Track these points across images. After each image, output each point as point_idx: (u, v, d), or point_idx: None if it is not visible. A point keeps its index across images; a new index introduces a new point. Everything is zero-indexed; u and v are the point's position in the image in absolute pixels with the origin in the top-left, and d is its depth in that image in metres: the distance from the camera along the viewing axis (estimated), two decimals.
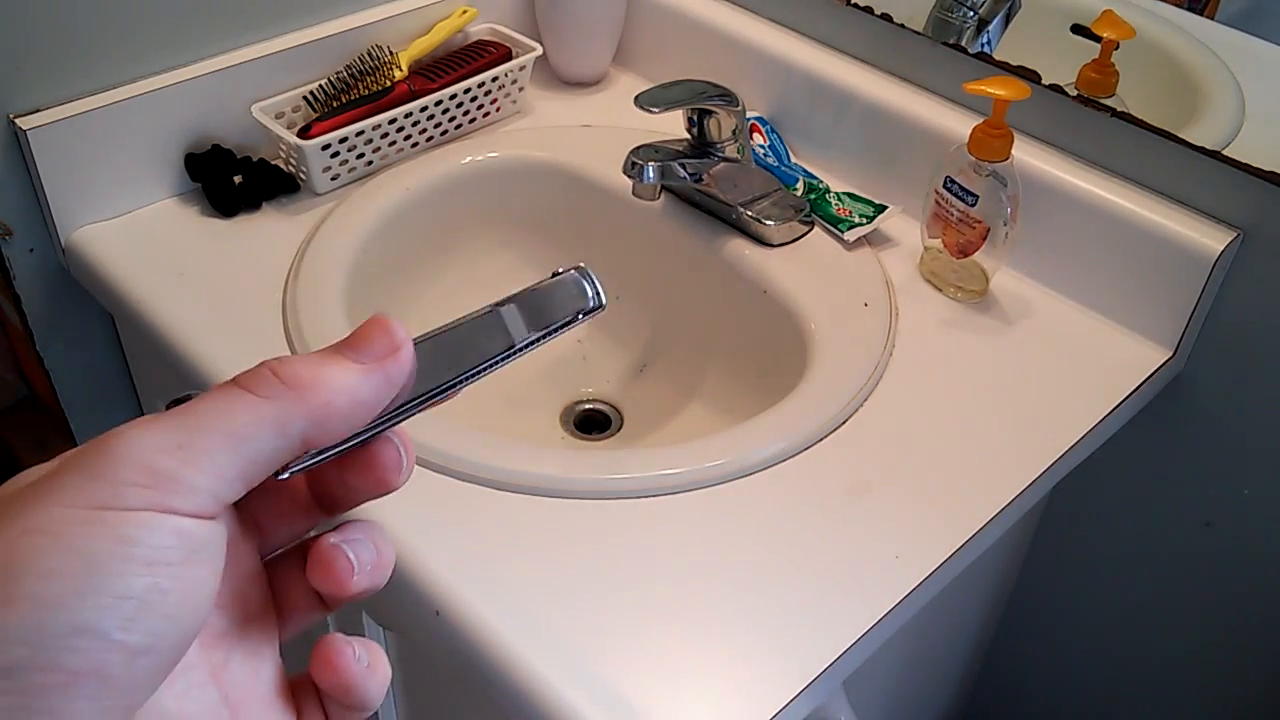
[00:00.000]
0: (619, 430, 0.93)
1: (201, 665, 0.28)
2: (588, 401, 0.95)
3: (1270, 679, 0.94)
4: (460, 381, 0.31)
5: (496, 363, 0.31)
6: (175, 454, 0.24)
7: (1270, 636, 0.92)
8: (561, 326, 0.32)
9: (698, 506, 0.70)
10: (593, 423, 0.94)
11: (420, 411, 0.30)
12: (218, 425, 0.25)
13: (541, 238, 1.01)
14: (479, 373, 0.31)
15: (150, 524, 0.24)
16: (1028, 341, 0.83)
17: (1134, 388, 0.80)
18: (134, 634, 0.23)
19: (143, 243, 0.89)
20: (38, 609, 0.22)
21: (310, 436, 0.27)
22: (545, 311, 0.32)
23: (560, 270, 0.32)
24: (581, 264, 0.32)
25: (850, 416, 0.76)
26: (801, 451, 0.73)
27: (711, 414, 0.91)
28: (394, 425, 0.30)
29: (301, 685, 0.31)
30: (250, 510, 0.31)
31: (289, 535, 0.32)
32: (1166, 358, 0.83)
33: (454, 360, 0.31)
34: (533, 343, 0.31)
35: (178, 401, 0.28)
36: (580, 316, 0.32)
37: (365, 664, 0.30)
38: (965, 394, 0.79)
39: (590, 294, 0.32)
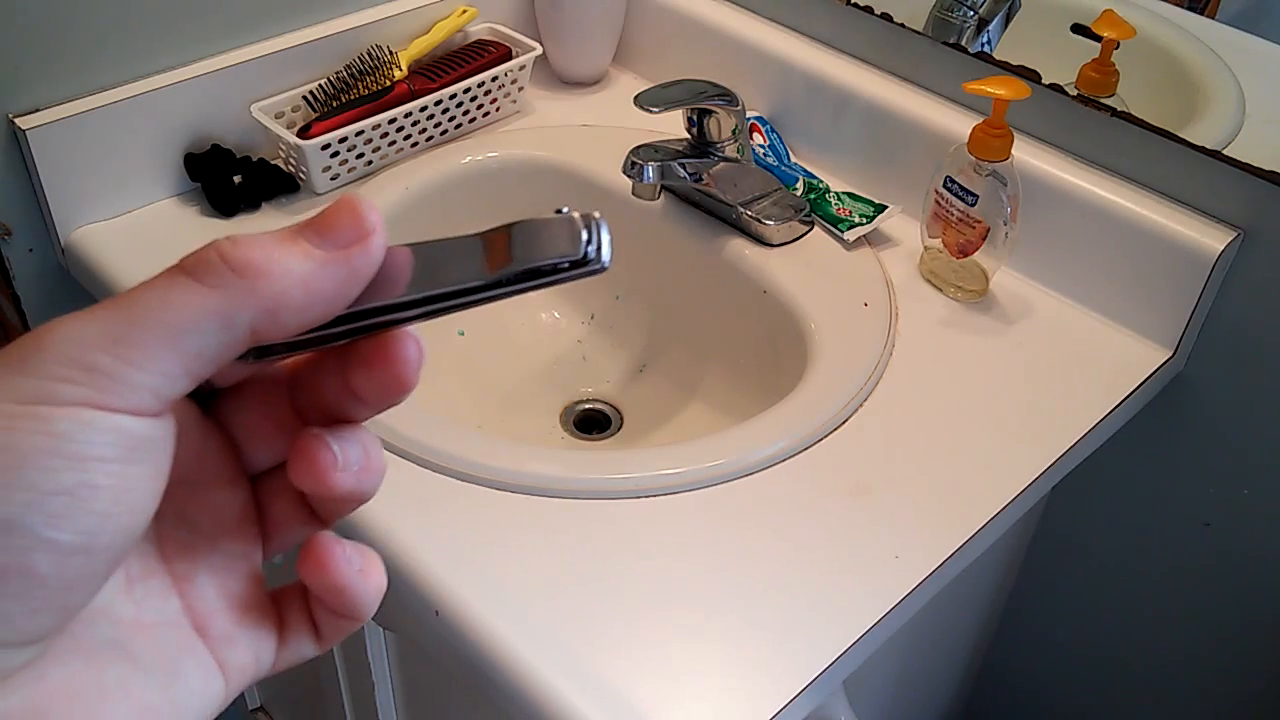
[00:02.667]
0: (619, 430, 0.93)
1: (161, 574, 0.27)
2: (588, 401, 0.95)
3: (1270, 679, 0.94)
4: (427, 305, 0.27)
5: (471, 295, 0.27)
6: (111, 349, 0.23)
7: (1270, 636, 0.92)
8: (545, 273, 0.27)
9: (698, 506, 0.70)
10: (593, 423, 0.94)
11: (386, 327, 0.27)
12: (156, 317, 0.23)
13: None
14: (451, 301, 0.27)
15: (83, 419, 0.22)
16: (1028, 341, 0.83)
17: (1134, 388, 0.80)
18: (63, 531, 0.22)
19: (142, 243, 0.89)
20: None
21: (260, 328, 0.24)
22: (529, 251, 0.27)
23: (564, 209, 0.28)
24: (596, 213, 0.27)
25: (850, 416, 0.76)
26: (801, 451, 0.73)
27: (711, 414, 0.91)
28: (362, 333, 0.27)
29: (287, 597, 0.30)
30: (228, 421, 0.29)
31: (273, 453, 0.29)
32: (1166, 358, 0.83)
33: (429, 278, 0.27)
34: (512, 282, 0.27)
35: None
36: (568, 268, 0.26)
37: (357, 567, 0.28)
38: (965, 394, 0.79)
39: (583, 243, 0.26)
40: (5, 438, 0.22)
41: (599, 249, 0.26)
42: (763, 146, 0.98)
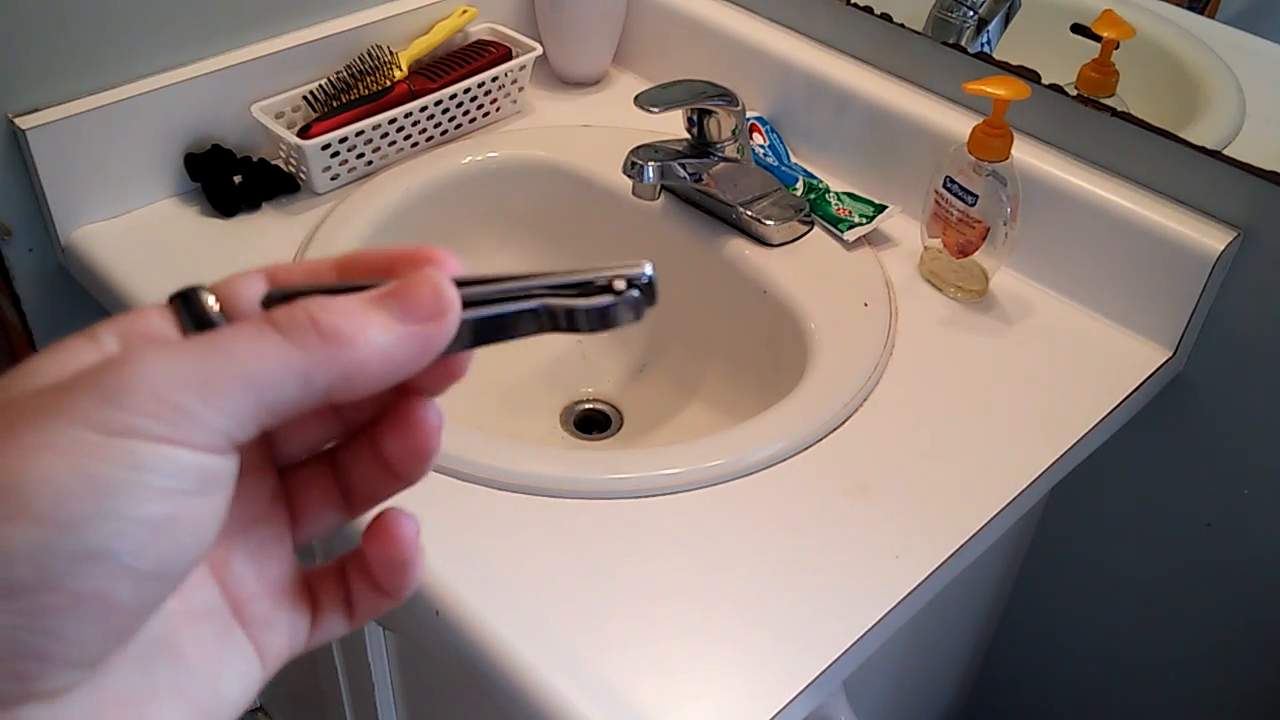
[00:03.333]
0: (619, 430, 0.93)
1: (200, 564, 0.28)
2: (588, 401, 0.95)
3: (1270, 679, 0.94)
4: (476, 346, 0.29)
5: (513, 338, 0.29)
6: (196, 391, 0.24)
7: (1270, 637, 0.92)
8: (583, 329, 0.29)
9: (698, 506, 0.70)
10: (593, 423, 0.94)
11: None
12: (242, 367, 0.24)
13: (541, 238, 1.01)
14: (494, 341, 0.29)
15: (166, 455, 0.23)
16: (1028, 341, 0.83)
17: (1134, 388, 0.80)
18: (144, 560, 0.23)
19: (142, 243, 0.89)
20: (46, 529, 0.22)
21: (336, 391, 0.26)
22: (580, 321, 0.29)
23: (622, 289, 0.29)
24: (646, 269, 0.29)
25: (850, 416, 0.76)
26: (801, 451, 0.73)
27: (711, 414, 0.91)
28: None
29: (322, 578, 0.31)
30: None
31: (301, 446, 0.31)
32: (1166, 358, 0.83)
33: (484, 336, 0.29)
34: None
35: (182, 297, 0.27)
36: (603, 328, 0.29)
37: (419, 544, 0.30)
38: (965, 394, 0.79)
39: (627, 317, 0.29)
40: (95, 467, 0.22)
41: (652, 298, 0.29)
42: (763, 146, 0.98)
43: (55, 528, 0.22)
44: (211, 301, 0.27)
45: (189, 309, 0.27)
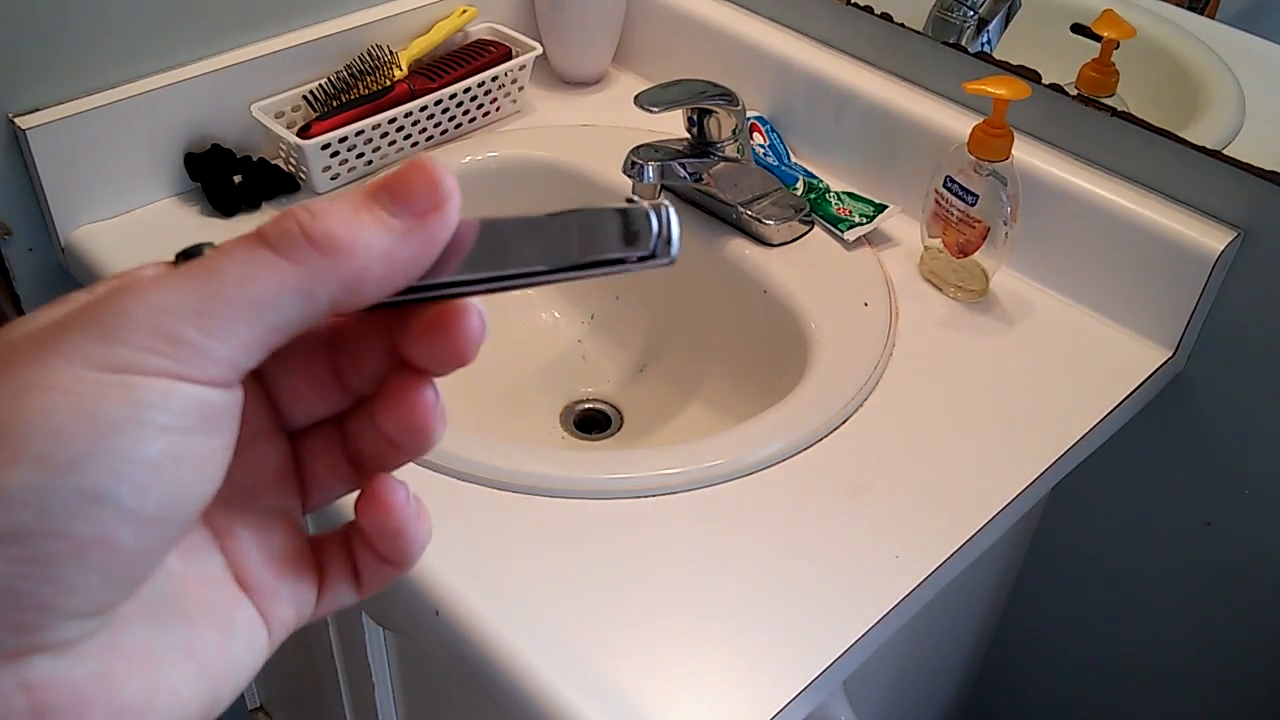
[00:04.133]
0: (619, 430, 0.93)
1: (203, 529, 0.27)
2: (588, 401, 0.95)
3: (1271, 679, 0.94)
4: (488, 283, 0.26)
5: (534, 278, 0.26)
6: (194, 320, 0.23)
7: (1270, 636, 0.92)
8: (610, 264, 0.26)
9: (698, 506, 0.70)
10: (593, 423, 0.94)
11: (441, 299, 0.27)
12: (239, 291, 0.23)
13: None
14: (512, 281, 0.26)
15: (167, 390, 0.22)
16: (1028, 341, 0.83)
17: (1134, 388, 0.80)
18: (146, 502, 0.22)
19: (142, 242, 0.89)
20: (45, 471, 0.21)
21: (340, 302, 0.24)
22: (595, 240, 0.26)
23: (636, 199, 0.27)
24: (666, 203, 0.27)
25: (850, 416, 0.76)
26: (801, 451, 0.73)
27: (711, 414, 0.91)
28: (416, 302, 0.26)
29: (326, 545, 0.30)
30: (265, 377, 0.28)
31: (309, 412, 0.29)
32: (1166, 358, 0.83)
33: (492, 255, 0.26)
34: (572, 270, 0.26)
35: (186, 254, 0.26)
36: (635, 260, 0.26)
37: (413, 510, 0.28)
38: (965, 394, 0.79)
39: (653, 236, 0.26)
40: (93, 405, 0.21)
41: (668, 243, 0.26)
42: (763, 146, 0.98)
43: (54, 469, 0.21)
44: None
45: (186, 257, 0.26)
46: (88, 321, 0.22)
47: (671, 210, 0.26)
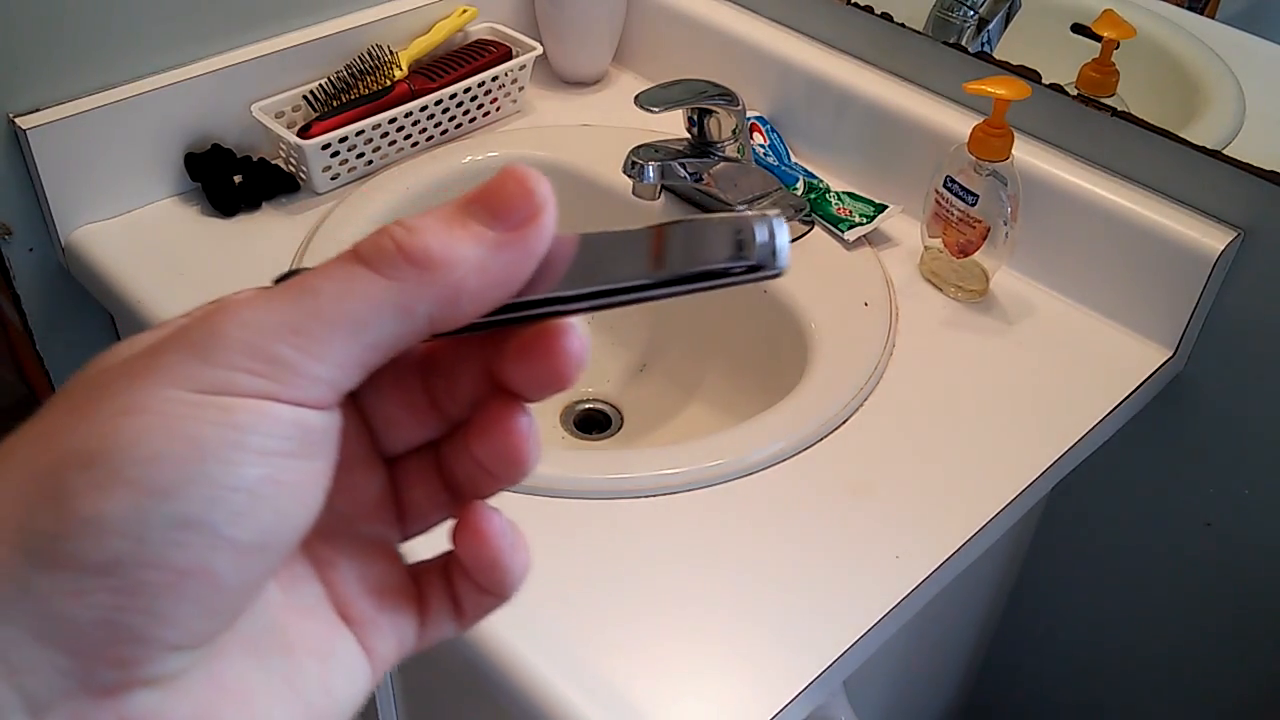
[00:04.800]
0: (619, 430, 0.93)
1: (303, 559, 0.26)
2: (588, 401, 0.95)
3: (1270, 678, 0.94)
4: (590, 300, 0.25)
5: (637, 293, 0.25)
6: (291, 339, 0.22)
7: (1270, 636, 0.92)
8: (716, 275, 0.24)
9: (698, 506, 0.70)
10: (593, 423, 0.94)
11: (541, 318, 0.25)
12: (336, 309, 0.22)
13: None
14: (615, 297, 0.25)
15: (265, 412, 0.21)
16: (1028, 341, 0.83)
17: (1134, 387, 0.80)
18: (244, 530, 0.21)
19: (143, 242, 0.89)
20: (140, 497, 0.20)
21: (438, 319, 0.23)
22: (701, 251, 0.25)
23: (740, 207, 0.26)
24: (774, 211, 0.25)
25: (850, 416, 0.76)
26: (802, 451, 0.73)
27: (711, 414, 0.91)
28: (515, 323, 0.25)
29: (427, 576, 0.29)
30: (360, 402, 0.27)
31: (404, 438, 0.28)
32: (1167, 357, 0.83)
33: (593, 270, 0.25)
34: (677, 283, 0.25)
35: (283, 278, 0.25)
36: (742, 271, 0.24)
37: (510, 540, 0.27)
38: (965, 394, 0.79)
39: (758, 246, 0.24)
40: (189, 428, 0.21)
41: (775, 252, 0.24)
42: (763, 146, 0.98)
43: (150, 495, 0.20)
44: None
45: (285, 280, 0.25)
46: (183, 343, 0.22)
47: (781, 220, 0.25)
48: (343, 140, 0.93)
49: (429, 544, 0.29)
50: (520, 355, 0.26)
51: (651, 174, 0.87)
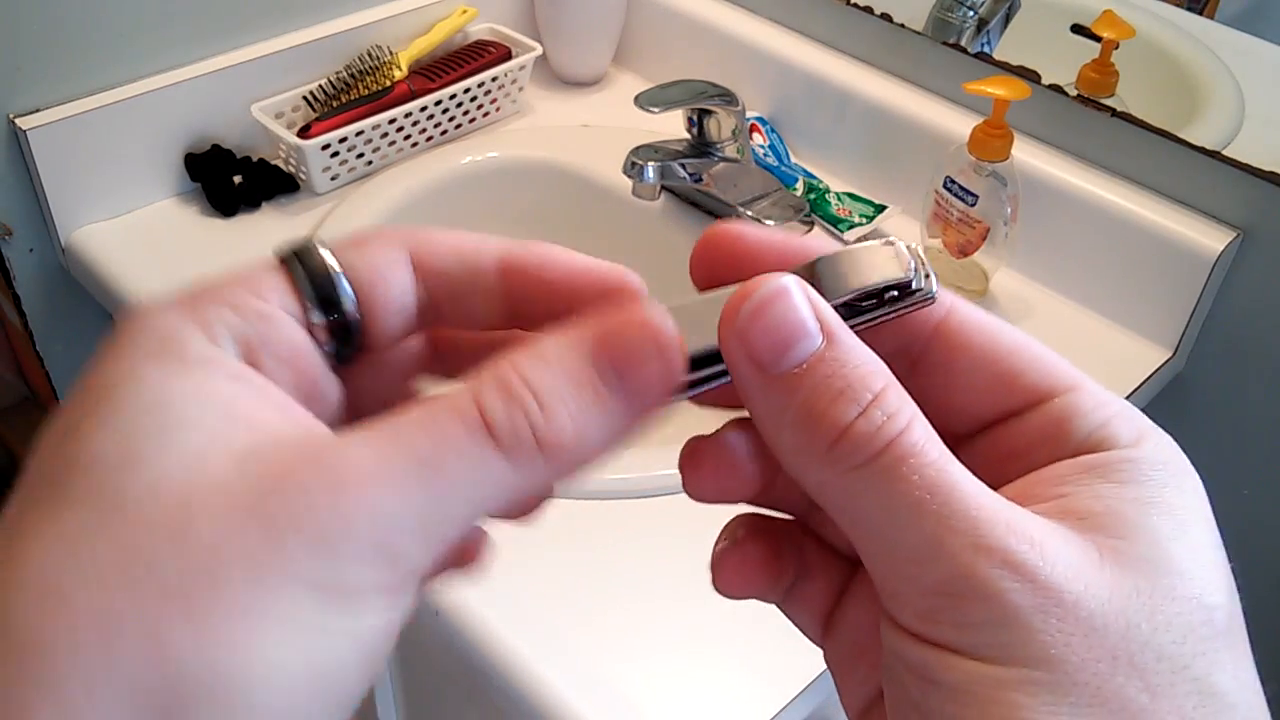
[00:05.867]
0: None
1: None
2: None
3: (1269, 678, 0.94)
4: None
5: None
6: (417, 536, 0.20)
7: (1270, 636, 0.92)
8: (872, 297, 0.23)
9: (698, 506, 0.69)
10: None
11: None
12: (464, 500, 0.20)
13: (541, 238, 1.01)
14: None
15: (388, 626, 0.20)
16: None
17: (1134, 388, 0.80)
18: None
19: (143, 243, 0.89)
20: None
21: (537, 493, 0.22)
22: (848, 280, 0.23)
23: (869, 240, 0.23)
24: (910, 242, 0.23)
25: None
26: None
27: (711, 413, 0.90)
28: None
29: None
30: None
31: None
32: (1166, 358, 0.83)
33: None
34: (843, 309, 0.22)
35: (296, 255, 0.23)
36: (897, 297, 0.22)
37: None
38: None
39: (910, 268, 0.22)
40: (323, 653, 0.19)
41: (928, 275, 0.22)
42: (763, 146, 0.98)
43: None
44: (332, 262, 0.23)
45: (315, 288, 0.23)
46: (305, 524, 0.19)
47: (917, 247, 0.23)
48: (342, 140, 0.93)
49: None
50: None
51: (651, 174, 0.87)
